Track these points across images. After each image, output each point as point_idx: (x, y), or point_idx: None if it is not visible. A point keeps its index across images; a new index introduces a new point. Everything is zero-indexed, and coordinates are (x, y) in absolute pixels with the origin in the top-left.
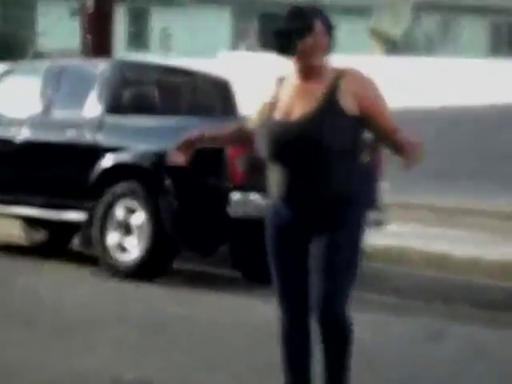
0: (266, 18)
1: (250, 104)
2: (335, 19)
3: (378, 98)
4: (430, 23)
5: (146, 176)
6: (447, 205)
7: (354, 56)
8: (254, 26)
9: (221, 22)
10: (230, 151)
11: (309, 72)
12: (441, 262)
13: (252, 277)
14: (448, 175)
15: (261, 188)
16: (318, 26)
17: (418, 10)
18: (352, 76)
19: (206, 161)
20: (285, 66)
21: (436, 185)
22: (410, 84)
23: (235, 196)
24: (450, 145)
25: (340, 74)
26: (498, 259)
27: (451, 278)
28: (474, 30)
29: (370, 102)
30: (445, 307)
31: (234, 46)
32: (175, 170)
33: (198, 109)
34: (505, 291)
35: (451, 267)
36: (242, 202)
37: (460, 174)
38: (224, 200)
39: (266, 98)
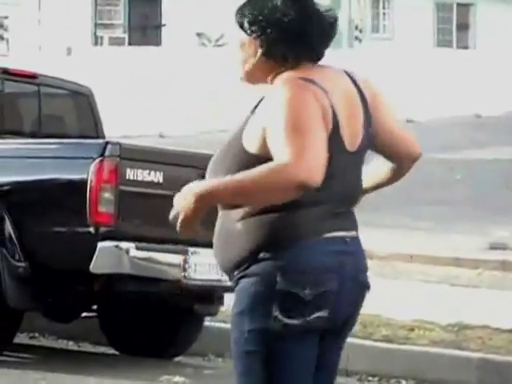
0: None
1: None
2: None
3: None
4: None
5: None
6: None
7: None
8: None
9: None
10: (94, 178)
11: None
12: None
13: (131, 351)
14: None
15: (140, 235)
16: None
17: None
18: None
19: (61, 195)
20: None
21: None
22: None
23: (101, 246)
24: None
25: None
26: None
27: None
28: None
29: None
30: None
31: None
32: (17, 210)
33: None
34: None
35: None
36: (111, 254)
37: None
38: (83, 251)
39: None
